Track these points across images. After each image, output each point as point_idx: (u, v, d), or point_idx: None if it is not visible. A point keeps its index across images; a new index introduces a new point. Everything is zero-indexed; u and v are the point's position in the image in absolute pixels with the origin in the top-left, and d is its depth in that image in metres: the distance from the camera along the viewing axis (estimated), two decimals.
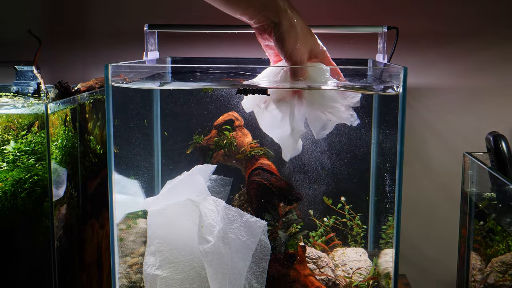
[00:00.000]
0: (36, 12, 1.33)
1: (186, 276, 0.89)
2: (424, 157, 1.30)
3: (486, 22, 1.25)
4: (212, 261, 0.83)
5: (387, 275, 0.94)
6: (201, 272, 0.88)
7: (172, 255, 0.89)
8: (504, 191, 0.84)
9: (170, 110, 1.11)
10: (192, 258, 0.89)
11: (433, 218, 1.31)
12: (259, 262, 0.89)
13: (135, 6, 1.30)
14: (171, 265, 0.89)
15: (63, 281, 0.92)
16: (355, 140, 1.02)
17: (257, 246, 0.89)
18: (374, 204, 1.07)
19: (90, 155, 1.05)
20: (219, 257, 0.84)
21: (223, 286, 0.84)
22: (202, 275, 0.88)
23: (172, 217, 0.90)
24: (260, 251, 0.89)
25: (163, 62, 1.19)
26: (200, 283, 0.88)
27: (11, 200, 0.88)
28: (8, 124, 0.92)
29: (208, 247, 0.83)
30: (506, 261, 0.80)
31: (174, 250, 0.89)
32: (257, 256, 0.89)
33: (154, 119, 1.14)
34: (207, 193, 0.92)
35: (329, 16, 1.27)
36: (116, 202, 0.88)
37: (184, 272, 0.89)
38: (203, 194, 0.91)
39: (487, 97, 1.27)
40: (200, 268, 0.88)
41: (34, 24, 1.32)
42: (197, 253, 0.87)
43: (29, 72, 1.13)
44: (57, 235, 0.91)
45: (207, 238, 0.84)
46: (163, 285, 0.88)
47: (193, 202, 0.89)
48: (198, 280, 0.88)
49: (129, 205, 0.98)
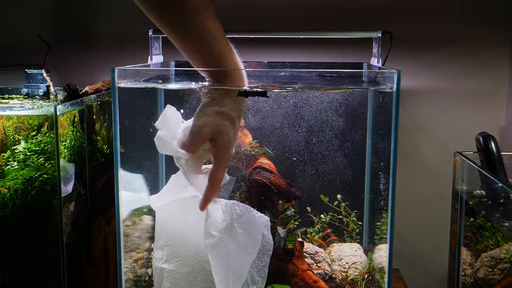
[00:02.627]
0: (45, 18, 1.33)
1: (191, 270, 0.89)
2: (417, 157, 1.30)
3: (474, 28, 1.26)
4: (218, 254, 0.83)
5: (382, 269, 0.94)
6: (206, 266, 0.88)
7: (178, 249, 0.89)
8: (493, 189, 0.84)
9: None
10: (198, 253, 0.89)
11: (425, 215, 1.31)
12: (262, 256, 0.89)
13: (141, 12, 1.30)
14: (177, 259, 0.89)
15: (71, 275, 0.92)
16: (350, 141, 1.02)
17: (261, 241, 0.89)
18: (369, 202, 1.07)
19: (97, 155, 1.05)
20: (225, 250, 0.83)
21: (226, 278, 0.84)
22: (207, 269, 0.87)
23: (179, 213, 0.90)
24: (263, 246, 0.89)
25: (167, 65, 1.19)
26: (204, 277, 0.88)
27: (22, 197, 0.88)
28: (19, 125, 0.92)
29: (214, 241, 0.83)
30: (495, 256, 0.80)
31: (181, 245, 0.89)
32: (260, 251, 0.89)
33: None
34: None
35: (326, 21, 1.27)
36: (122, 200, 0.88)
37: (189, 266, 0.89)
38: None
39: (477, 99, 1.27)
40: (205, 262, 0.88)
41: (44, 29, 1.32)
42: (202, 248, 0.86)
43: (39, 75, 1.13)
44: (66, 231, 0.91)
45: (212, 233, 0.84)
46: (170, 277, 0.88)
47: (199, 198, 0.89)
48: (203, 273, 0.88)
49: (135, 201, 0.98)
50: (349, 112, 0.99)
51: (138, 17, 1.30)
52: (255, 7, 1.26)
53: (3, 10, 1.32)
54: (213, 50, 0.78)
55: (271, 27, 1.24)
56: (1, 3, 1.32)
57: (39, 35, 1.13)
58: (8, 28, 1.33)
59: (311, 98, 0.97)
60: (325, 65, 1.24)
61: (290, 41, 1.27)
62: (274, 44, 1.28)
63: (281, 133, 1.02)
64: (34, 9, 1.32)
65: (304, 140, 1.01)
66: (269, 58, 1.28)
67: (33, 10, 1.33)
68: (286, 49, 1.29)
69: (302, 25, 1.28)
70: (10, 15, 1.32)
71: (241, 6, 1.24)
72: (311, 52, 1.28)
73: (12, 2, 1.32)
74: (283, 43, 1.28)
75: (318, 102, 0.98)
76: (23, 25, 1.33)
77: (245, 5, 1.26)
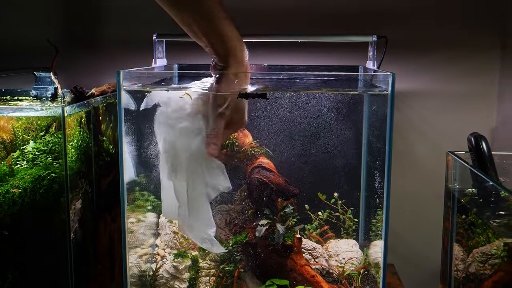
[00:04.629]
0: (53, 22, 1.33)
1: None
2: (411, 156, 1.31)
3: (467, 33, 1.26)
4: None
5: (377, 264, 0.94)
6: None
7: (176, 163, 0.91)
8: (484, 188, 0.84)
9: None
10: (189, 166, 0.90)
11: (419, 212, 1.31)
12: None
13: (145, 16, 1.30)
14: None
15: (78, 270, 0.92)
16: (347, 141, 1.02)
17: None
18: (365, 199, 1.07)
19: (103, 154, 1.05)
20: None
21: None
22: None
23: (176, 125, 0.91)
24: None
25: (171, 68, 1.19)
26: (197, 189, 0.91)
27: (30, 195, 0.88)
28: (28, 126, 0.92)
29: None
30: (486, 252, 0.80)
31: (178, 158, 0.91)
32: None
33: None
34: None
35: (324, 26, 1.28)
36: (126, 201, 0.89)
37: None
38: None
39: (468, 102, 1.28)
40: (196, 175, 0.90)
41: (52, 33, 1.33)
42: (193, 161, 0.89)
43: (47, 78, 1.13)
44: (73, 228, 0.91)
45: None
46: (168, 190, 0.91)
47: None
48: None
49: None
50: (345, 114, 0.99)
51: (143, 22, 1.31)
52: (255, 12, 1.27)
53: (18, 17, 1.33)
54: (214, 20, 0.81)
55: (271, 31, 1.24)
56: (16, 10, 1.33)
57: (48, 39, 1.13)
58: (20, 32, 1.34)
59: (309, 99, 0.97)
60: (323, 68, 1.24)
61: (289, 44, 1.27)
62: (273, 47, 1.28)
63: (280, 133, 1.02)
64: (43, 13, 1.33)
65: (303, 140, 1.01)
66: (269, 61, 1.28)
67: (42, 15, 1.33)
68: (285, 53, 1.29)
69: (301, 29, 1.28)
70: (23, 21, 1.33)
71: (241, 11, 1.24)
72: (309, 55, 1.28)
73: (26, 10, 1.32)
74: (283, 46, 1.28)
75: (316, 104, 0.98)
76: (33, 29, 1.33)
77: (245, 11, 1.26)
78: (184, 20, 0.82)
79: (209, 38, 0.82)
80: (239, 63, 0.84)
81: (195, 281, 0.96)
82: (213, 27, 0.81)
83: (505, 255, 0.75)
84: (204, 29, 0.82)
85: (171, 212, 0.94)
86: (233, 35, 0.83)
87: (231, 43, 0.83)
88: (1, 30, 1.34)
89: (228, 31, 0.82)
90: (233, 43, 0.83)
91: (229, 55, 0.83)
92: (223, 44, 0.82)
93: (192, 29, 0.83)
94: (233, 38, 0.83)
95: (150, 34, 1.14)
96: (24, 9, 1.33)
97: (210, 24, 0.81)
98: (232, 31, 0.83)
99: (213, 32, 0.82)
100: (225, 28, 0.82)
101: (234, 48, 0.83)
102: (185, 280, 0.97)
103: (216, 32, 0.82)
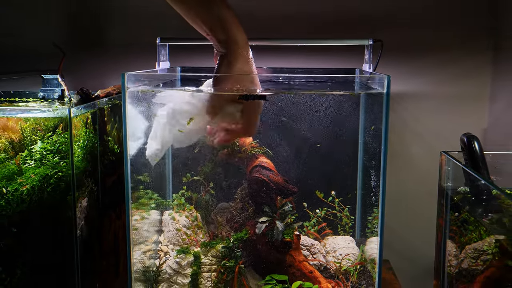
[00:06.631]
0: (60, 26, 1.33)
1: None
2: (406, 155, 1.31)
3: (460, 37, 1.26)
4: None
5: (373, 260, 0.94)
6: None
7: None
8: (476, 186, 0.84)
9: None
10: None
11: (413, 210, 1.31)
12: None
13: (149, 20, 1.30)
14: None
15: (84, 266, 0.93)
16: (344, 141, 1.02)
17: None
18: (361, 198, 1.07)
19: (108, 154, 1.05)
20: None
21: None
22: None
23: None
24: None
25: (174, 71, 1.19)
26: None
27: (38, 194, 0.88)
28: (35, 126, 0.92)
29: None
30: (478, 248, 0.80)
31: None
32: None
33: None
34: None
35: (322, 30, 1.28)
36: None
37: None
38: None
39: (461, 103, 1.28)
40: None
41: (59, 36, 1.33)
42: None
43: (54, 80, 1.13)
44: (79, 225, 0.91)
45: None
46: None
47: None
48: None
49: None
50: (342, 115, 0.99)
51: (147, 27, 1.31)
52: (255, 17, 1.27)
53: (27, 21, 1.33)
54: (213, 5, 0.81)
55: (271, 35, 1.25)
56: (28, 16, 1.33)
57: (54, 43, 1.13)
58: (27, 35, 1.34)
59: (308, 101, 0.97)
60: (321, 70, 1.24)
61: (288, 48, 1.27)
62: (273, 50, 1.28)
63: (280, 133, 1.02)
64: (50, 17, 1.33)
65: (301, 140, 1.01)
66: (268, 64, 1.28)
67: (49, 19, 1.33)
68: (284, 56, 1.29)
69: (300, 33, 1.28)
70: (31, 24, 1.33)
71: (242, 15, 1.24)
72: (308, 58, 1.28)
73: (37, 16, 1.32)
74: (282, 50, 1.28)
75: (314, 105, 0.98)
76: (40, 33, 1.33)
77: (246, 14, 1.26)
78: (185, 5, 0.82)
79: (208, 24, 0.82)
80: (240, 48, 0.83)
81: (197, 276, 0.96)
82: (213, 13, 0.81)
83: (497, 251, 0.75)
84: (203, 16, 0.81)
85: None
86: (233, 22, 0.82)
87: (232, 30, 0.82)
88: (10, 33, 1.34)
89: (228, 17, 0.81)
90: (233, 30, 0.82)
91: (229, 41, 0.82)
92: (223, 30, 0.82)
93: (192, 17, 0.82)
94: (233, 26, 0.82)
95: (153, 37, 1.14)
96: (34, 14, 1.33)
97: (210, 10, 0.80)
98: (232, 17, 0.82)
99: (213, 18, 0.81)
100: (224, 14, 0.81)
101: (235, 34, 0.82)
102: (188, 276, 0.97)
103: (215, 17, 0.81)
